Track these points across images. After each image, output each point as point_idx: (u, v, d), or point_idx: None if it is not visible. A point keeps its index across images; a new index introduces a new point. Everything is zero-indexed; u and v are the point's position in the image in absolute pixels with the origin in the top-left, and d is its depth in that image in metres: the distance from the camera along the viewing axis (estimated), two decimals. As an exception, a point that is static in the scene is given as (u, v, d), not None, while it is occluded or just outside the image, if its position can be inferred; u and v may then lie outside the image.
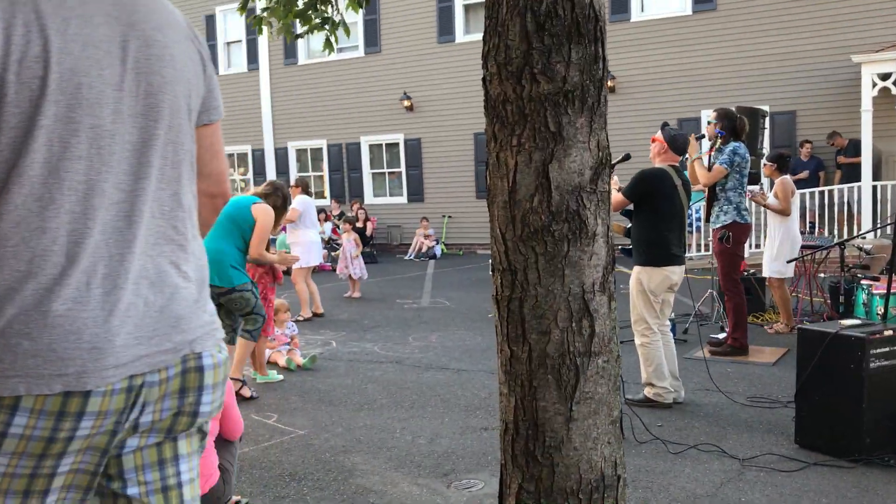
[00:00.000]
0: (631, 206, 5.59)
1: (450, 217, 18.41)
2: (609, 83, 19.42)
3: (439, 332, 8.62)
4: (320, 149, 20.26)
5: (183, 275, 1.49)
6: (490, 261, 2.24)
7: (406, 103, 18.44)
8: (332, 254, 16.13)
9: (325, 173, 20.27)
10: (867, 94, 12.57)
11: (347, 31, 5.02)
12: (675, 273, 5.48)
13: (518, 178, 1.96)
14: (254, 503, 3.97)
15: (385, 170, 19.49)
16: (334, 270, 15.18)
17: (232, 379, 6.03)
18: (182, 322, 1.44)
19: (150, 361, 1.39)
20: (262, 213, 5.97)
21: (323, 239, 16.72)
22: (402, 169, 19.09)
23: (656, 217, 5.43)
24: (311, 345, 8.05)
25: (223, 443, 3.75)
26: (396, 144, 19.11)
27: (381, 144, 19.40)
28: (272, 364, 7.13)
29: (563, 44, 1.88)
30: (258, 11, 4.91)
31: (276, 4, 4.65)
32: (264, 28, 4.97)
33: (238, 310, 5.91)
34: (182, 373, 1.45)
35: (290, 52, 19.96)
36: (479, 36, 17.63)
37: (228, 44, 21.41)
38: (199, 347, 1.47)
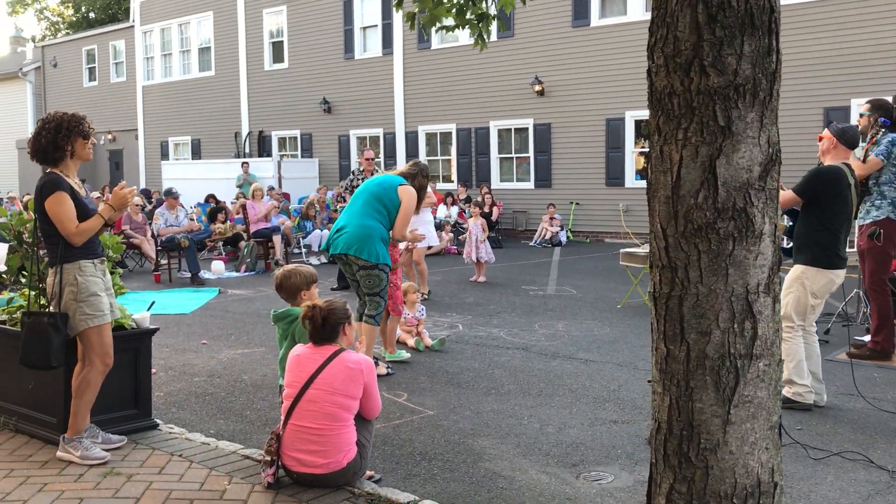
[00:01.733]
0: (797, 206, 5.38)
1: (577, 204, 18.18)
2: (537, 87, 18.64)
3: (566, 320, 8.55)
4: (449, 133, 20.41)
5: None
6: (620, 250, 2.19)
7: (537, 88, 18.30)
8: (460, 237, 16.25)
9: (454, 157, 20.42)
10: None
11: (502, 26, 5.02)
12: (839, 277, 5.29)
13: (682, 172, 1.91)
14: (386, 479, 4.07)
15: (513, 155, 19.44)
16: (460, 254, 15.32)
17: None
18: None
19: None
20: (407, 194, 6.12)
21: (448, 222, 16.90)
22: (531, 154, 18.98)
23: (828, 217, 5.22)
24: (438, 327, 8.15)
25: (361, 420, 3.87)
26: (525, 129, 19.02)
27: (510, 129, 19.36)
28: (401, 344, 7.27)
29: (736, 36, 1.82)
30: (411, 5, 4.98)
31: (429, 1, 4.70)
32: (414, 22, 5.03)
33: (368, 287, 6.02)
34: None
35: (423, 37, 20.17)
36: (614, 20, 17.28)
37: (364, 28, 21.85)
38: None
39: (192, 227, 13.27)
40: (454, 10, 4.67)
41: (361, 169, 11.50)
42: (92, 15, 43.18)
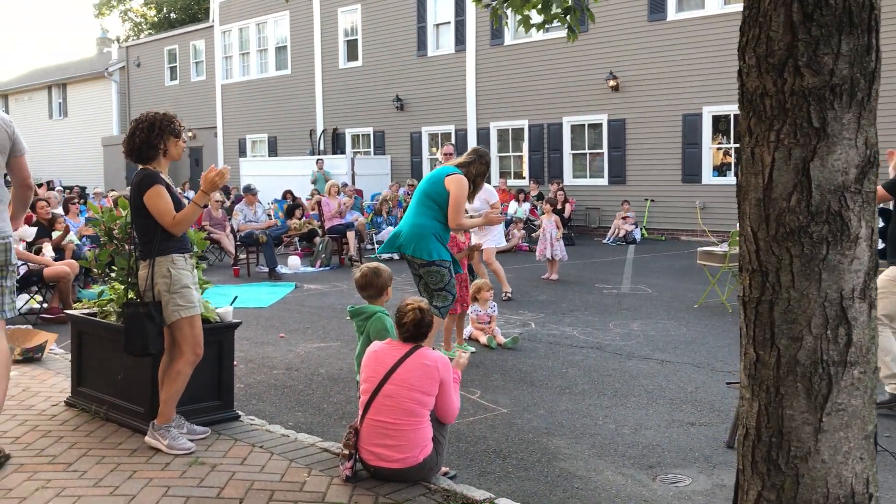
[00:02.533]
0: (886, 204, 5.21)
1: (652, 201, 17.90)
2: (612, 82, 18.04)
3: (641, 320, 8.44)
4: (521, 129, 20.34)
5: None
6: (697, 249, 2.15)
7: (612, 83, 18.08)
8: (532, 234, 16.17)
9: (525, 153, 20.34)
10: None
11: (592, 17, 5.00)
12: None
13: (775, 175, 1.87)
14: (460, 476, 4.09)
15: (586, 151, 19.26)
16: (531, 251, 15.26)
17: None
18: None
19: None
20: (455, 183, 6.00)
21: (520, 219, 16.83)
22: (605, 150, 18.77)
23: None
24: (510, 325, 8.14)
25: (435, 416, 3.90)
26: (599, 125, 18.81)
27: (583, 125, 19.18)
28: (473, 341, 7.30)
29: (833, 34, 1.77)
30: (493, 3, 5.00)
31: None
32: (500, 16, 5.05)
33: (432, 283, 6.03)
34: None
35: (496, 34, 20.13)
36: (692, 14, 16.94)
37: (437, 25, 21.94)
38: None
39: (269, 223, 13.57)
40: (539, 6, 4.67)
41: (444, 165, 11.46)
42: (173, 15, 44.46)
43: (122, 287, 4.66)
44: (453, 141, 21.70)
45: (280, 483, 3.75)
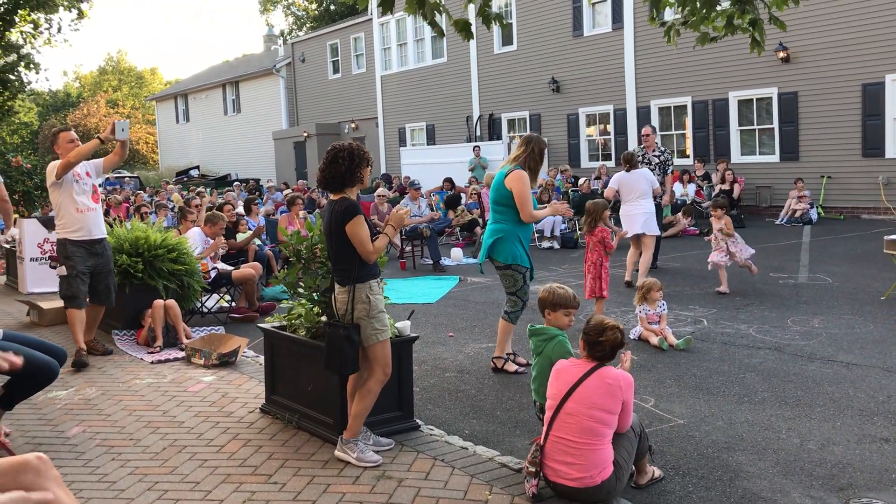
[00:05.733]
0: None
1: (829, 177, 16.83)
2: (782, 53, 16.29)
3: (822, 315, 8.00)
4: (684, 106, 19.64)
5: None
6: (885, 237, 2.02)
7: (781, 54, 17.09)
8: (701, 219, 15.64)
9: (689, 131, 19.64)
10: None
11: (783, 25, 4.81)
12: None
13: None
14: (640, 495, 4.08)
15: (755, 126, 18.34)
16: (699, 234, 14.77)
17: (494, 358, 6.52)
18: None
19: None
20: (515, 181, 6.26)
21: (685, 202, 16.31)
22: (775, 125, 17.81)
23: None
24: (680, 322, 7.95)
25: (621, 439, 3.92)
26: (769, 99, 17.85)
27: (751, 99, 18.27)
28: (643, 341, 7.20)
29: None
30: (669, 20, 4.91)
31: (691, 16, 4.59)
32: (671, 35, 4.94)
33: (506, 287, 6.39)
34: None
35: (662, 12, 19.46)
36: (872, -26, 15.70)
37: (594, 4, 21.51)
38: None
39: (433, 216, 13.89)
40: (724, 21, 4.52)
41: (643, 147, 11.27)
42: (332, 7, 46.02)
43: (310, 305, 4.96)
44: (612, 121, 21.29)
45: (464, 501, 3.88)
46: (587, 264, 7.67)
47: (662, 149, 11.27)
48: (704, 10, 4.47)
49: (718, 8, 4.61)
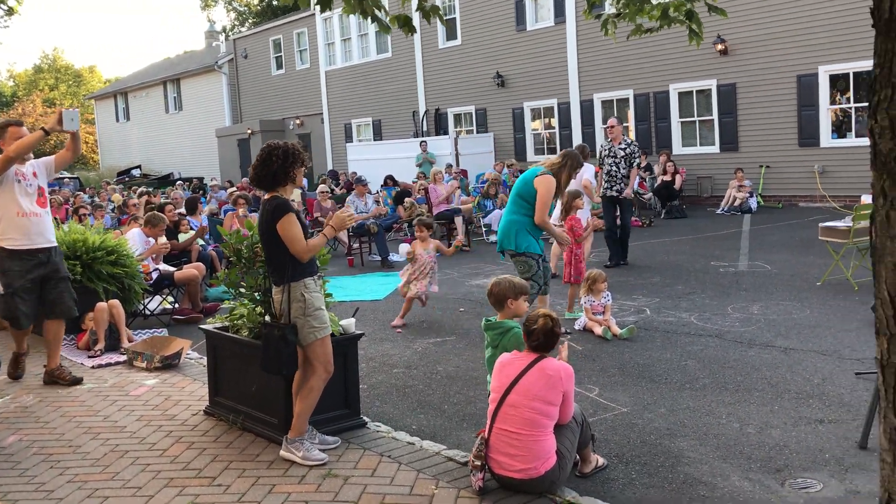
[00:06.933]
0: None
1: (767, 167, 17.23)
2: (720, 46, 16.84)
3: (761, 301, 8.20)
4: (627, 99, 19.89)
5: None
6: (819, 225, 2.08)
7: (720, 47, 17.42)
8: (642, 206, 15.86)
9: (631, 124, 19.89)
10: None
11: (723, 13, 4.88)
12: None
13: (912, 240, 1.81)
14: (584, 484, 4.13)
15: (695, 118, 18.67)
16: (643, 226, 15.00)
17: None
18: None
19: None
20: (542, 184, 6.64)
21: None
22: (715, 117, 18.15)
23: None
24: (624, 311, 8.07)
25: (563, 430, 3.96)
26: (708, 91, 18.18)
27: (691, 92, 18.58)
28: (588, 332, 7.29)
29: (973, 96, 1.69)
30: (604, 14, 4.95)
31: (625, 8, 4.64)
32: (610, 29, 4.99)
33: (520, 272, 6.67)
34: None
35: (599, 5, 19.66)
36: (804, -32, 16.08)
37: (535, -1, 21.65)
38: None
39: (379, 211, 13.85)
40: (658, 12, 4.58)
41: (609, 140, 11.22)
42: (275, 2, 45.46)
43: (252, 304, 4.91)
44: (556, 114, 21.47)
45: (410, 497, 3.89)
46: (564, 253, 8.25)
47: (629, 141, 11.11)
48: (638, 2, 4.52)
49: (653, 0, 4.68)
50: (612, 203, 10.92)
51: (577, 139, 20.14)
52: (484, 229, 14.93)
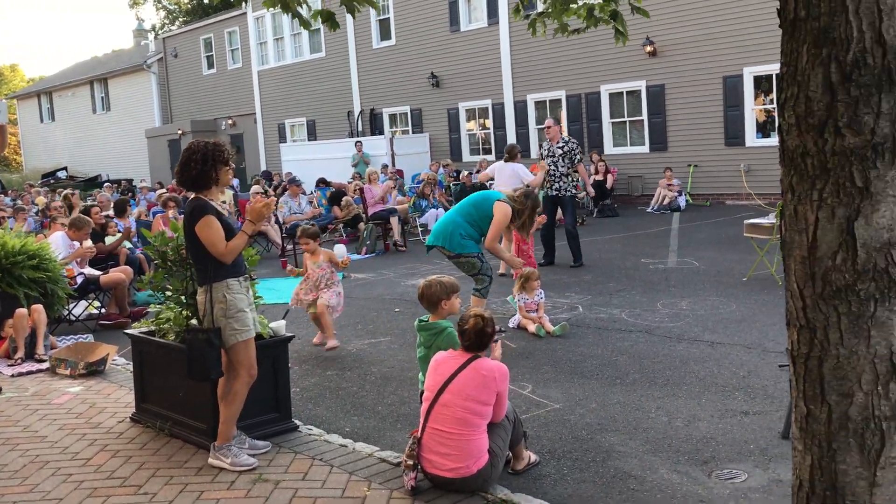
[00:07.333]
0: None
1: (696, 166, 17.65)
2: (649, 48, 17.48)
3: (689, 297, 8.38)
4: (559, 100, 20.14)
5: None
6: (744, 222, 2.14)
7: (648, 49, 17.78)
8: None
9: (564, 124, 20.15)
10: None
11: (646, 13, 4.96)
12: None
13: (819, 234, 1.87)
14: (517, 481, 4.15)
15: (626, 119, 19.01)
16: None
17: None
18: None
19: None
20: (501, 211, 6.86)
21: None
22: (644, 117, 18.51)
23: None
24: (557, 309, 8.15)
25: (496, 428, 3.97)
26: (638, 92, 18.54)
27: (621, 93, 18.91)
28: (521, 329, 7.35)
29: (873, 94, 1.75)
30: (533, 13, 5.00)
31: (551, 8, 4.68)
32: (538, 27, 5.03)
33: (466, 271, 6.92)
34: None
35: (529, 5, 19.86)
36: (729, -27, 16.51)
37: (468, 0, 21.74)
38: None
39: (314, 212, 13.72)
40: (584, 12, 4.64)
41: (548, 140, 11.14)
42: (206, 1, 44.67)
43: (178, 308, 4.80)
44: (490, 115, 21.60)
45: (342, 499, 3.86)
46: (513, 245, 8.59)
47: (566, 139, 11.04)
48: (564, 2, 4.57)
49: (578, 1, 4.74)
50: (552, 203, 11.01)
51: (511, 139, 20.31)
52: (420, 229, 14.93)
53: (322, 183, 18.39)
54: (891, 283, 1.82)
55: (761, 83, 16.67)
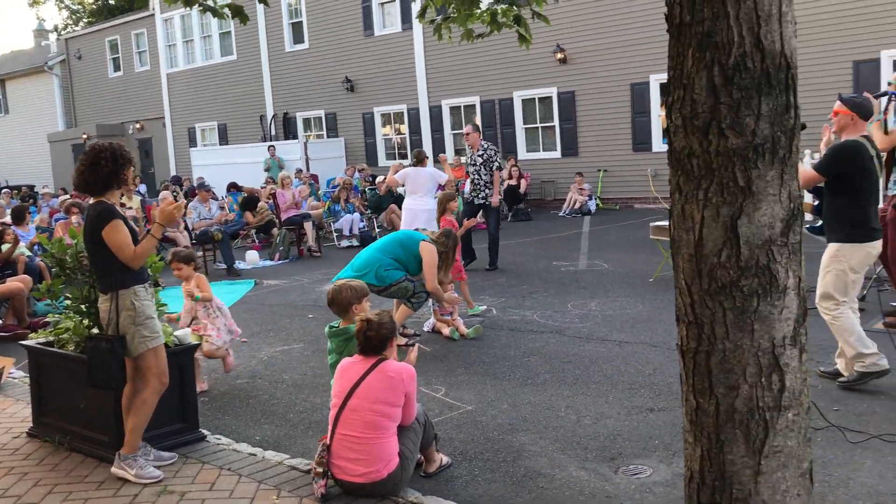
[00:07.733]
0: (820, 184, 5.33)
1: (605, 171, 18.07)
2: (559, 55, 18.15)
3: (598, 298, 8.57)
4: (473, 105, 20.32)
5: None
6: (650, 224, 2.21)
7: (559, 56, 18.13)
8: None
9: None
10: None
11: (546, 20, 5.04)
12: (876, 248, 5.24)
13: (705, 232, 1.94)
14: (429, 484, 4.16)
15: (538, 125, 19.32)
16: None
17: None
18: None
19: None
20: (427, 252, 6.87)
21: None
22: (556, 123, 18.86)
23: (857, 192, 5.15)
24: (471, 312, 8.21)
25: (405, 431, 3.96)
26: (549, 98, 18.87)
27: (533, 99, 19.22)
28: (436, 333, 7.38)
29: (753, 97, 1.83)
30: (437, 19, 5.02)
31: (455, 12, 4.71)
32: (444, 33, 5.06)
33: (402, 297, 6.86)
34: None
35: (442, 11, 19.97)
36: (635, -17, 16.97)
37: (382, 4, 21.71)
38: None
39: (224, 217, 13.44)
40: (488, 17, 4.69)
41: (469, 146, 11.13)
42: (112, 1, 43.34)
43: (78, 317, 4.63)
44: (406, 120, 21.61)
45: (250, 509, 3.79)
46: None
47: (485, 146, 10.96)
48: (465, 8, 4.63)
49: (482, 6, 4.80)
50: (478, 208, 11.01)
51: (426, 144, 20.39)
52: (335, 234, 14.81)
53: (233, 188, 18.04)
54: (772, 278, 1.91)
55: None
